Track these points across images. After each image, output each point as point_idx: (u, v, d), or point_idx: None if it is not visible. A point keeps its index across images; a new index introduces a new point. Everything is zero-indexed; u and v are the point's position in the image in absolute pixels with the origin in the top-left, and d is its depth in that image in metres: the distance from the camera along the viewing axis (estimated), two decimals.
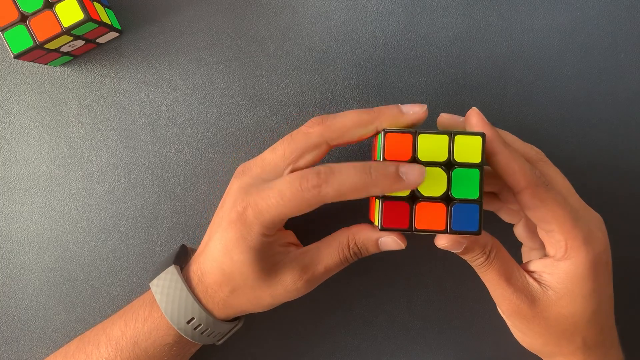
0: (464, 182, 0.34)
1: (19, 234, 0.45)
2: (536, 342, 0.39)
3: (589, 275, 0.36)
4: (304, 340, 0.45)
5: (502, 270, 0.37)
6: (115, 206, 0.45)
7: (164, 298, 0.38)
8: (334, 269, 0.38)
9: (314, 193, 0.33)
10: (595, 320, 0.37)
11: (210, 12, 0.46)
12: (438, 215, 0.34)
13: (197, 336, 0.38)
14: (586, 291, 0.36)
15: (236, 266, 0.36)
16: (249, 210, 0.35)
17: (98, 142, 0.45)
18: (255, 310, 0.39)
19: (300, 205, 0.34)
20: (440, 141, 0.34)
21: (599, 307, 0.37)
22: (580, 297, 0.37)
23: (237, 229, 0.36)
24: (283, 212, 0.34)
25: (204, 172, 0.45)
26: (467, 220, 0.34)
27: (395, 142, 0.34)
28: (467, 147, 0.34)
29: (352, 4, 0.45)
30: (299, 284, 0.37)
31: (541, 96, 0.45)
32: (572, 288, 0.37)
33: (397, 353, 0.45)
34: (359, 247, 0.38)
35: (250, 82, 0.45)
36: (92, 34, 0.43)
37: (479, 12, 0.45)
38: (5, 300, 0.45)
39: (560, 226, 0.36)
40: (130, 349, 0.39)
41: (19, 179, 0.45)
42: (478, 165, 0.34)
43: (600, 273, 0.37)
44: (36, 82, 0.45)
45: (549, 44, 0.45)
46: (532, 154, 0.38)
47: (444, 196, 0.34)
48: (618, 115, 0.45)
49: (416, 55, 0.45)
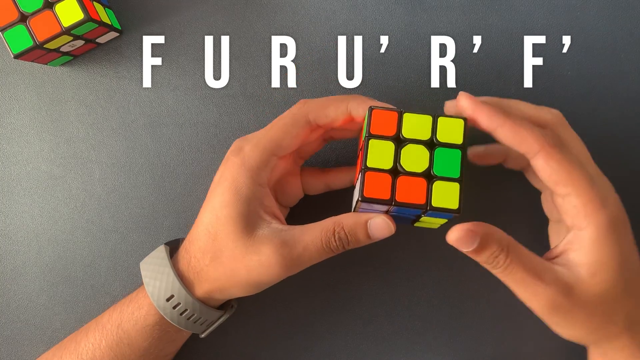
0: (446, 161, 0.35)
1: (19, 234, 0.45)
2: (579, 332, 0.37)
3: (614, 238, 0.35)
4: (304, 340, 0.45)
5: (527, 266, 0.35)
6: (115, 206, 0.45)
7: (148, 274, 0.39)
8: (314, 254, 0.37)
9: (299, 110, 0.38)
10: (632, 289, 0.36)
11: (210, 12, 0.46)
12: (419, 190, 0.35)
13: (176, 317, 0.38)
14: (614, 255, 0.35)
15: (220, 222, 0.37)
16: (243, 143, 0.38)
17: (98, 142, 0.45)
18: (231, 287, 0.38)
19: (290, 130, 0.38)
20: (424, 121, 0.35)
21: (631, 273, 0.36)
22: (611, 263, 0.35)
23: (230, 175, 0.37)
24: (276, 135, 0.38)
25: (204, 172, 0.45)
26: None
27: (381, 119, 0.35)
28: (450, 128, 0.35)
29: (352, 4, 0.45)
30: (272, 259, 0.36)
31: (541, 96, 0.45)
32: (600, 257, 0.35)
33: (397, 353, 0.45)
34: (347, 233, 0.36)
35: (250, 82, 0.45)
36: (92, 34, 0.43)
37: (479, 12, 0.45)
38: (5, 300, 0.45)
39: (577, 189, 0.34)
40: (114, 332, 0.39)
41: (19, 179, 0.45)
42: (460, 147, 0.35)
43: (623, 234, 0.35)
44: (36, 82, 0.45)
45: (548, 43, 0.45)
46: (549, 117, 0.37)
47: (425, 172, 0.35)
48: (618, 115, 0.45)
49: (416, 55, 0.45)
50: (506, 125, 0.35)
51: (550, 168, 0.34)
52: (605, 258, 0.35)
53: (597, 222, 0.35)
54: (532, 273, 0.35)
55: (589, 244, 0.35)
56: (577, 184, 0.34)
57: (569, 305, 0.35)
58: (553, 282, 0.35)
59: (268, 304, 0.45)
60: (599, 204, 0.35)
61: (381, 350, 0.45)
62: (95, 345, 0.39)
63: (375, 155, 0.35)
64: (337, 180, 0.42)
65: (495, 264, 0.35)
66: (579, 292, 0.35)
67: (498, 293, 0.45)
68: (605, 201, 0.35)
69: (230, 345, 0.45)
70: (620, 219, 0.36)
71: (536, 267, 0.35)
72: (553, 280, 0.35)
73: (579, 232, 0.35)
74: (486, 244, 0.34)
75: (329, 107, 0.38)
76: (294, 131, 0.38)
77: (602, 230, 0.35)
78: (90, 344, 0.39)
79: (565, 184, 0.35)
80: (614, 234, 0.35)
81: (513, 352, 0.45)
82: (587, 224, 0.35)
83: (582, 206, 0.35)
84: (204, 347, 0.45)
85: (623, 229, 0.36)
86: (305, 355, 0.45)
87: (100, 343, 0.39)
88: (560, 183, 0.35)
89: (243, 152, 0.38)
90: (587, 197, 0.35)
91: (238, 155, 0.38)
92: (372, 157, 0.35)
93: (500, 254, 0.35)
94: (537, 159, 0.35)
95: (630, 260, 0.36)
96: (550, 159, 0.34)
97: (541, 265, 0.35)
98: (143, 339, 0.39)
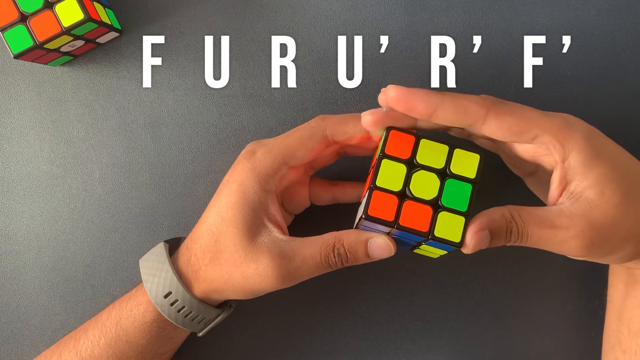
0: (456, 194, 0.35)
1: (19, 234, 0.45)
2: (625, 251, 0.36)
3: (599, 149, 0.34)
4: (304, 340, 0.45)
5: (541, 222, 0.34)
6: (115, 206, 0.45)
7: (147, 271, 0.39)
8: (312, 268, 0.36)
9: (317, 124, 0.38)
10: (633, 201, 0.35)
11: (210, 12, 0.46)
12: (424, 217, 0.34)
13: (173, 314, 0.38)
14: (610, 164, 0.34)
15: (224, 224, 0.37)
16: (257, 147, 0.38)
17: (98, 142, 0.45)
18: (227, 290, 0.38)
19: (306, 143, 0.38)
20: (440, 149, 0.35)
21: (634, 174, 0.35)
22: (611, 174, 0.34)
23: (239, 178, 0.37)
24: (290, 145, 0.38)
25: (204, 172, 0.45)
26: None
27: (398, 140, 0.35)
28: (465, 161, 0.35)
29: (352, 4, 0.45)
30: (269, 271, 0.36)
31: (541, 96, 0.45)
32: (598, 172, 0.34)
33: (397, 353, 0.45)
34: (347, 250, 0.36)
35: (250, 82, 0.45)
36: (92, 34, 0.43)
37: (479, 12, 0.45)
38: (5, 300, 0.45)
39: (540, 126, 0.34)
40: (113, 329, 0.39)
41: (19, 179, 0.45)
42: (472, 181, 0.35)
43: (605, 142, 0.35)
44: (36, 82, 0.45)
45: (548, 43, 0.45)
46: (482, 100, 0.35)
47: (433, 201, 0.35)
48: (618, 115, 0.45)
49: (416, 55, 0.45)
50: (445, 101, 0.34)
51: (507, 122, 0.34)
52: (603, 170, 0.34)
53: (577, 143, 0.34)
54: (549, 225, 0.34)
55: (580, 167, 0.34)
56: (537, 122, 0.34)
57: (599, 234, 0.34)
58: (572, 223, 0.34)
59: (268, 304, 0.45)
60: (568, 128, 0.34)
61: (381, 350, 0.45)
62: (94, 343, 0.39)
63: (386, 176, 0.35)
64: (345, 195, 0.42)
65: (513, 239, 0.35)
66: (599, 216, 0.34)
67: (498, 293, 0.45)
68: (570, 124, 0.35)
69: (230, 345, 0.45)
70: (594, 131, 0.35)
71: (550, 218, 0.34)
72: (571, 220, 0.34)
73: (565, 163, 0.35)
74: (496, 233, 0.34)
75: (348, 125, 0.38)
76: (309, 144, 0.38)
77: (585, 147, 0.34)
78: (89, 342, 0.40)
79: (528, 128, 0.34)
80: (598, 145, 0.35)
81: (513, 352, 0.45)
82: (569, 150, 0.34)
83: (554, 138, 0.34)
84: (203, 347, 0.45)
85: (602, 138, 0.36)
86: (306, 355, 0.45)
87: (99, 340, 0.39)
88: (523, 130, 0.34)
89: (255, 157, 0.38)
90: (554, 128, 0.34)
91: (250, 159, 0.38)
92: (382, 177, 0.35)
93: (512, 228, 0.34)
94: (488, 121, 0.34)
95: (626, 162, 0.36)
96: (502, 114, 0.34)
97: (553, 213, 0.34)
98: (141, 336, 0.39)
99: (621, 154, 0.36)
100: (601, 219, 0.34)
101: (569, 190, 0.35)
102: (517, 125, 0.34)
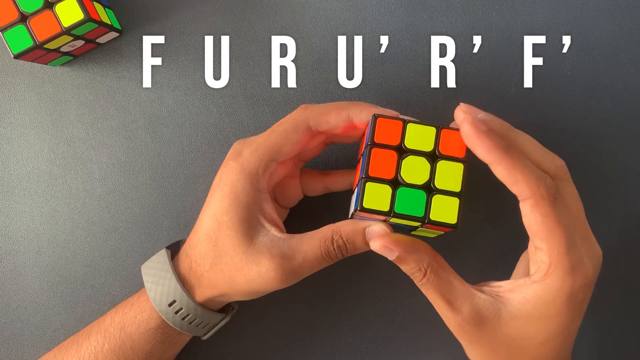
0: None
1: (19, 234, 0.45)
2: (481, 358, 0.37)
3: (558, 306, 0.34)
4: (304, 340, 0.45)
5: (443, 291, 0.35)
6: (115, 206, 0.45)
7: (150, 279, 0.38)
8: (314, 263, 0.37)
9: (299, 115, 0.38)
10: (549, 348, 0.35)
11: (210, 12, 0.46)
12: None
13: (178, 321, 0.38)
14: (547, 319, 0.34)
15: (221, 228, 0.37)
16: (243, 147, 0.38)
17: (98, 142, 0.45)
18: (232, 294, 0.38)
19: (290, 137, 0.38)
20: (427, 132, 0.35)
21: (555, 339, 0.35)
22: (538, 322, 0.34)
23: (229, 180, 0.37)
24: (276, 141, 0.37)
25: (204, 172, 0.45)
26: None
27: (385, 128, 0.35)
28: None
29: (352, 4, 0.45)
30: (272, 272, 0.36)
31: (541, 96, 0.45)
32: (532, 312, 0.34)
33: (397, 353, 0.45)
34: (345, 240, 0.36)
35: (250, 82, 0.45)
36: (92, 34, 0.43)
37: (479, 12, 0.45)
38: (5, 300, 0.45)
39: (551, 249, 0.33)
40: (117, 335, 0.39)
41: (19, 179, 0.45)
42: (462, 160, 0.35)
43: (571, 309, 0.34)
44: (36, 82, 0.45)
45: (548, 43, 0.45)
46: (551, 167, 0.35)
47: (425, 185, 0.35)
48: (618, 115, 0.45)
49: (416, 55, 0.45)
50: (502, 163, 0.33)
51: (533, 218, 0.33)
52: (536, 314, 0.34)
53: (553, 287, 0.34)
54: (445, 299, 0.35)
55: (531, 297, 0.34)
56: (552, 244, 0.33)
57: (476, 335, 0.35)
58: (465, 313, 0.35)
59: (268, 304, 0.45)
60: (566, 271, 0.33)
61: (381, 351, 0.45)
62: (97, 348, 0.39)
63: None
64: (336, 183, 0.42)
65: (413, 278, 0.36)
66: (490, 327, 0.35)
67: None
68: (574, 268, 0.33)
69: (231, 345, 0.45)
70: (578, 296, 0.34)
71: (453, 295, 0.35)
72: (467, 311, 0.35)
73: (534, 284, 0.34)
74: (403, 259, 0.35)
75: (330, 114, 0.38)
76: (294, 137, 0.38)
77: (550, 295, 0.34)
78: (92, 347, 0.39)
79: (541, 239, 0.33)
80: (562, 304, 0.34)
81: None
82: (544, 286, 0.34)
83: (547, 265, 0.34)
84: (205, 347, 0.45)
85: (574, 304, 0.34)
86: (306, 355, 0.45)
87: (102, 346, 0.39)
88: (537, 236, 0.34)
89: (242, 157, 0.37)
90: (556, 260, 0.33)
91: (237, 159, 0.38)
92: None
93: (418, 272, 0.35)
94: (524, 204, 0.33)
95: (560, 331, 0.35)
96: (536, 210, 0.33)
97: (461, 293, 0.35)
98: (146, 342, 0.39)
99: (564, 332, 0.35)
100: (490, 329, 0.35)
101: (506, 295, 0.35)
102: (537, 229, 0.33)
